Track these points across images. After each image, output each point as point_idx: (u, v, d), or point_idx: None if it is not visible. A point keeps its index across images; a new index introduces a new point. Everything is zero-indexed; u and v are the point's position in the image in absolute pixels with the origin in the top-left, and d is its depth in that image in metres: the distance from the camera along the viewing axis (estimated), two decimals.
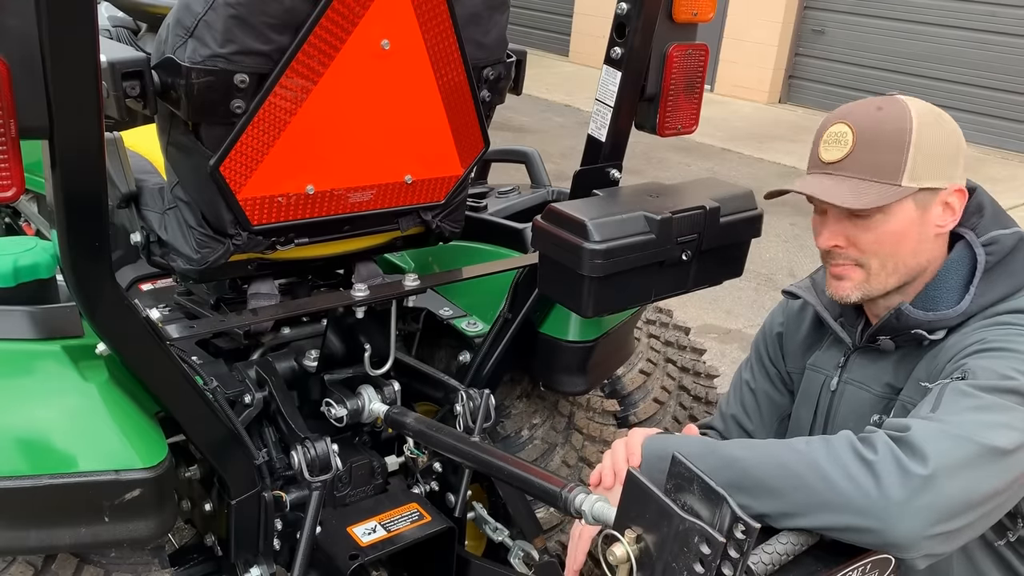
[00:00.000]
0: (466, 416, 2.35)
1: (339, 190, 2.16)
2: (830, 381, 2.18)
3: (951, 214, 1.95)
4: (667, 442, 1.85)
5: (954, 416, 1.62)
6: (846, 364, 2.15)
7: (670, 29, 2.34)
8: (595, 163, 2.47)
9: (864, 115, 1.93)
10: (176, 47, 1.86)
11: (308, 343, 2.54)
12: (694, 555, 1.33)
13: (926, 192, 1.91)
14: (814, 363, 2.25)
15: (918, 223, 1.93)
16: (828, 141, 1.97)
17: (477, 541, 2.74)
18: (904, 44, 12.06)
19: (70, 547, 1.89)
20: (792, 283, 2.33)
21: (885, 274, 1.98)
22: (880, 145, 1.90)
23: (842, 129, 1.94)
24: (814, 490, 1.57)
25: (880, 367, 2.08)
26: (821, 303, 2.21)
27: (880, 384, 2.07)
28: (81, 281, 1.64)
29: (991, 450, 1.56)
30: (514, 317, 2.57)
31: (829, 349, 2.23)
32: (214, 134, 1.96)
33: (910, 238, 1.94)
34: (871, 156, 1.90)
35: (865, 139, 1.91)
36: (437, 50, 2.09)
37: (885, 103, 1.94)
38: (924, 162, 1.88)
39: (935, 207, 1.93)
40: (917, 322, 1.96)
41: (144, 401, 1.96)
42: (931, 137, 1.89)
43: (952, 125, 1.95)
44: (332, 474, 2.25)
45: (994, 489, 1.57)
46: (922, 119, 1.89)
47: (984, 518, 1.60)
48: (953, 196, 1.94)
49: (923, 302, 1.99)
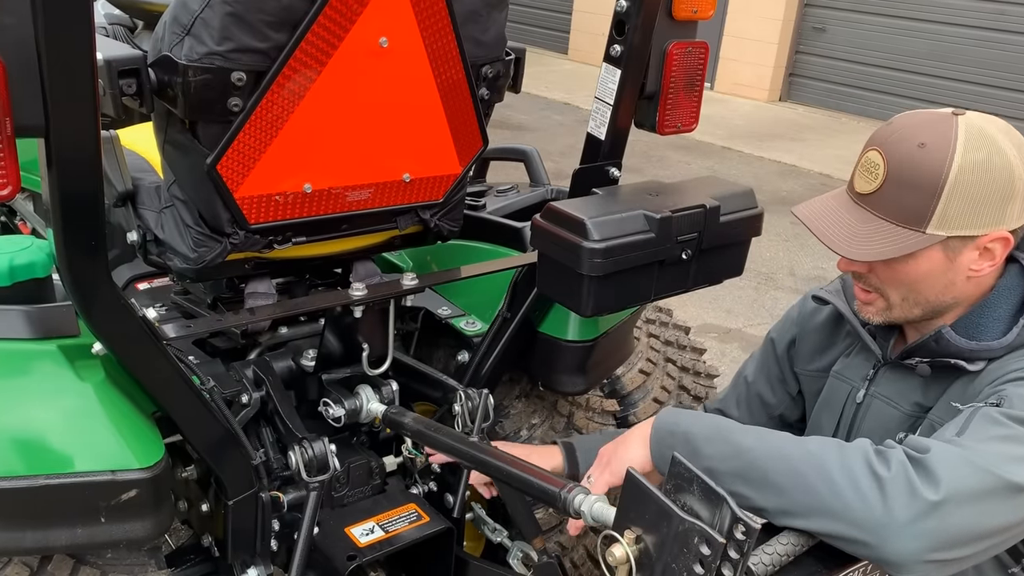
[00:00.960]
0: (464, 416, 2.35)
1: (337, 189, 2.17)
2: (856, 392, 2.13)
3: (989, 259, 1.84)
4: (679, 417, 1.81)
5: (978, 444, 1.57)
6: (874, 377, 2.10)
7: (670, 26, 2.34)
8: (594, 161, 2.47)
9: (903, 149, 1.80)
10: (173, 45, 1.86)
11: (306, 343, 2.54)
12: (694, 556, 1.33)
13: (958, 239, 1.80)
14: (840, 371, 2.20)
15: (944, 268, 1.84)
16: (863, 167, 1.87)
17: (476, 542, 2.75)
18: (907, 42, 12.07)
19: (66, 548, 1.89)
20: (821, 287, 2.28)
21: (907, 306, 1.92)
22: (909, 188, 1.78)
23: (876, 160, 1.83)
24: (818, 494, 1.55)
25: (910, 385, 2.01)
26: (851, 309, 2.13)
27: (909, 403, 2.01)
28: (77, 280, 1.64)
29: (1008, 485, 1.52)
30: (513, 316, 2.57)
31: (856, 358, 2.17)
32: (211, 132, 1.96)
33: (934, 281, 1.86)
34: (897, 197, 1.80)
35: (895, 178, 1.80)
36: (435, 48, 2.09)
37: (931, 136, 1.78)
38: (959, 210, 1.76)
39: (968, 252, 1.82)
40: (958, 350, 1.88)
41: (141, 401, 1.96)
42: (974, 182, 1.75)
43: (1009, 161, 1.77)
44: (330, 474, 2.25)
45: (1003, 525, 1.54)
46: (967, 159, 1.75)
47: (988, 550, 1.57)
48: (995, 243, 1.81)
49: (966, 328, 1.90)
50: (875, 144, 1.86)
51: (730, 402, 2.49)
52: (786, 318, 2.42)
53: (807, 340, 2.32)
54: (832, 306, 2.21)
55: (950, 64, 11.69)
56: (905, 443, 1.60)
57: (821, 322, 2.30)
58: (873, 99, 12.43)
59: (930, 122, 1.82)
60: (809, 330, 2.32)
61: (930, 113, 1.86)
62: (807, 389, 2.34)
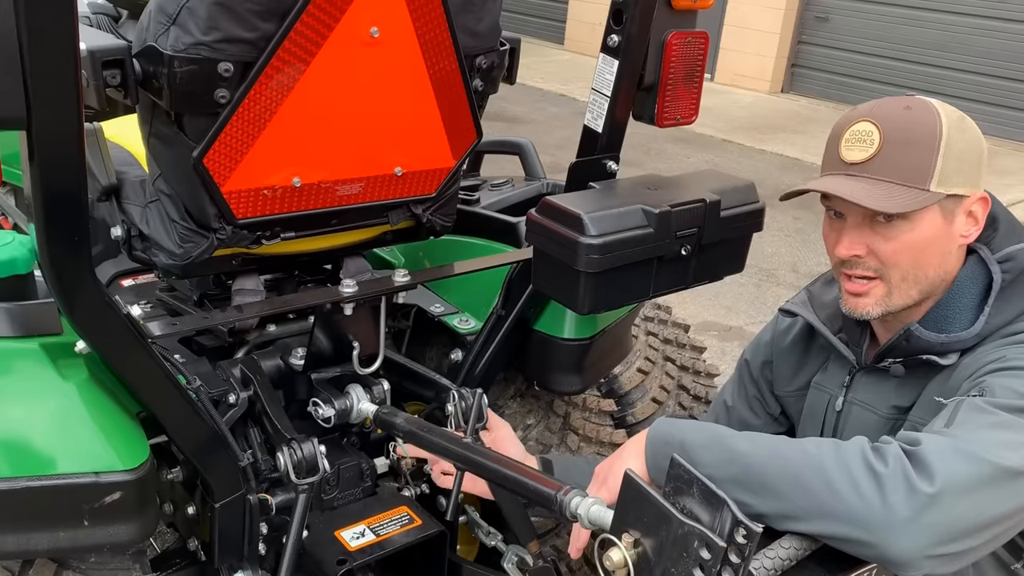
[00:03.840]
0: (458, 416, 2.35)
1: (327, 183, 2.16)
2: (835, 401, 2.16)
3: (974, 223, 1.92)
4: (673, 426, 1.83)
5: (968, 433, 1.60)
6: (851, 384, 2.13)
7: (669, 16, 2.34)
8: (591, 155, 2.47)
9: (891, 114, 1.88)
10: (158, 35, 1.85)
11: (294, 341, 2.54)
12: (694, 560, 1.33)
13: (952, 199, 1.87)
14: (819, 382, 2.23)
15: (943, 232, 1.89)
16: (851, 140, 1.90)
17: (469, 546, 2.74)
18: (911, 31, 12.09)
19: (48, 552, 1.88)
20: (787, 301, 2.31)
21: (907, 286, 1.93)
22: (910, 146, 1.84)
23: (867, 128, 1.88)
24: (817, 496, 1.57)
25: (886, 388, 2.05)
26: (819, 319, 2.17)
27: (887, 406, 2.04)
28: (60, 277, 1.63)
29: (1003, 471, 1.55)
30: (507, 314, 2.57)
31: (832, 367, 2.21)
32: (197, 125, 1.96)
33: (934, 248, 1.90)
34: (900, 158, 1.85)
35: (893, 139, 1.85)
36: (428, 38, 2.09)
37: (912, 102, 1.89)
38: (953, 167, 1.84)
39: (960, 215, 1.90)
40: (929, 344, 1.93)
41: (125, 401, 1.96)
42: (959, 141, 1.85)
43: (976, 130, 1.91)
44: (319, 476, 2.24)
45: (1003, 512, 1.56)
46: (950, 121, 1.86)
47: (991, 541, 1.59)
48: (977, 204, 1.91)
49: (934, 322, 1.95)
50: (860, 117, 1.91)
51: None
52: (759, 340, 2.45)
53: (783, 363, 2.35)
54: (803, 324, 2.25)
55: (955, 54, 11.71)
56: (898, 438, 1.63)
57: (794, 341, 2.32)
58: (877, 90, 12.42)
59: (901, 97, 1.93)
60: (784, 351, 2.34)
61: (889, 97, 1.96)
62: (791, 410, 2.37)
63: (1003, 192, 9.13)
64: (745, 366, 2.46)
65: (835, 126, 1.97)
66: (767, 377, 2.41)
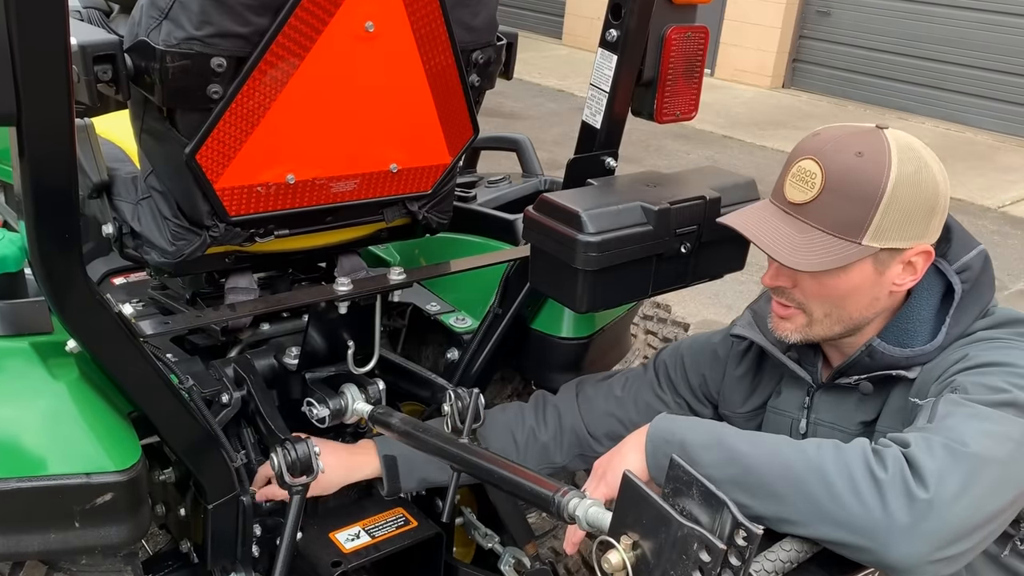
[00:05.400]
0: (454, 416, 2.35)
1: (321, 179, 2.16)
2: (798, 424, 2.15)
3: (911, 273, 1.91)
4: (674, 423, 1.83)
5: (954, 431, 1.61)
6: (811, 404, 2.12)
7: (668, 10, 2.34)
8: (590, 151, 2.47)
9: (839, 158, 1.85)
10: (150, 29, 1.85)
11: (288, 340, 2.54)
12: (693, 562, 1.33)
13: (888, 252, 1.86)
14: (776, 406, 2.21)
15: (871, 282, 1.90)
16: (795, 177, 1.89)
17: (466, 548, 2.75)
18: (914, 26, 12.09)
19: (39, 554, 1.88)
20: (735, 323, 2.28)
21: (829, 322, 1.96)
22: (848, 197, 1.83)
23: (812, 168, 1.86)
24: (817, 500, 1.57)
25: (849, 405, 2.05)
26: (768, 340, 2.16)
27: (853, 423, 2.04)
28: (50, 275, 1.63)
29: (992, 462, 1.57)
30: (504, 313, 2.57)
31: (787, 389, 2.19)
32: (190, 121, 1.96)
33: (861, 295, 1.91)
34: (835, 209, 1.84)
35: (833, 188, 1.84)
36: (424, 33, 2.09)
37: (867, 147, 1.84)
38: (893, 222, 1.83)
39: (895, 266, 1.89)
40: (894, 360, 1.93)
41: (116, 401, 1.95)
42: (907, 195, 1.82)
43: (934, 175, 1.86)
44: (314, 477, 2.24)
45: (999, 508, 1.58)
46: (902, 171, 1.82)
47: (987, 538, 1.60)
48: (919, 256, 1.89)
49: (896, 336, 1.95)
50: (808, 154, 1.89)
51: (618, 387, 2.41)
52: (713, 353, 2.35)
53: (738, 386, 2.30)
54: (754, 347, 2.24)
55: (958, 49, 11.70)
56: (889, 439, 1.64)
57: (747, 364, 2.29)
58: (879, 86, 12.45)
59: (861, 134, 1.88)
60: (740, 375, 2.30)
61: (856, 126, 1.92)
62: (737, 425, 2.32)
63: (1007, 189, 9.15)
64: (683, 364, 2.38)
65: (798, 144, 1.95)
66: (706, 392, 2.36)
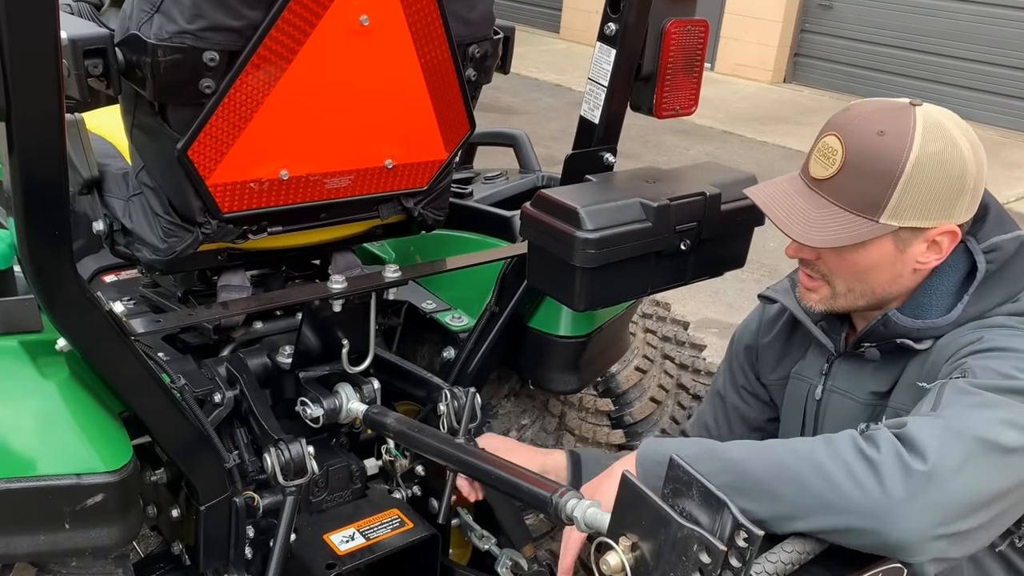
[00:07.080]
0: (450, 416, 2.36)
1: (315, 175, 2.16)
2: (815, 390, 2.20)
3: (936, 252, 1.93)
4: (662, 445, 1.87)
5: (956, 412, 1.64)
6: (830, 371, 2.17)
7: (668, 3, 2.34)
8: (588, 147, 2.47)
9: (862, 135, 1.88)
10: (141, 23, 1.85)
11: (282, 338, 2.54)
12: (693, 564, 1.33)
13: (909, 231, 1.89)
14: (799, 371, 2.27)
15: (893, 259, 1.93)
16: (819, 152, 1.94)
17: (462, 549, 2.75)
18: (918, 20, 12.09)
19: (28, 556, 1.88)
20: (768, 287, 2.34)
21: (853, 296, 2.00)
22: (866, 175, 1.86)
23: (835, 145, 1.90)
24: (814, 491, 1.59)
25: (864, 374, 2.09)
26: (800, 307, 2.20)
27: (865, 392, 2.08)
28: (40, 272, 1.63)
29: (994, 447, 1.59)
30: (501, 311, 2.57)
31: (811, 355, 2.24)
32: (182, 116, 1.96)
33: (882, 271, 1.95)
34: (854, 186, 1.88)
35: (853, 165, 1.87)
36: (419, 26, 2.09)
37: (891, 125, 1.87)
38: (912, 201, 1.85)
39: (918, 244, 1.92)
40: (906, 330, 1.96)
41: (107, 400, 1.95)
42: (928, 175, 1.84)
43: (963, 155, 1.87)
44: (308, 478, 2.24)
45: (1000, 489, 1.60)
46: (925, 150, 1.84)
47: (994, 522, 1.62)
48: (943, 236, 1.91)
49: (912, 308, 1.99)
50: (833, 129, 1.93)
51: (708, 417, 2.55)
52: (745, 327, 2.48)
53: (767, 351, 2.38)
54: (788, 314, 2.29)
55: (962, 43, 11.71)
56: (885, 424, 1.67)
57: (779, 330, 2.36)
58: (882, 80, 12.44)
59: (889, 110, 1.91)
60: (770, 340, 2.38)
61: (888, 101, 1.94)
62: (777, 398, 2.40)
63: (1012, 185, 9.15)
64: (734, 355, 2.50)
65: (830, 119, 1.99)
66: (753, 364, 2.44)
